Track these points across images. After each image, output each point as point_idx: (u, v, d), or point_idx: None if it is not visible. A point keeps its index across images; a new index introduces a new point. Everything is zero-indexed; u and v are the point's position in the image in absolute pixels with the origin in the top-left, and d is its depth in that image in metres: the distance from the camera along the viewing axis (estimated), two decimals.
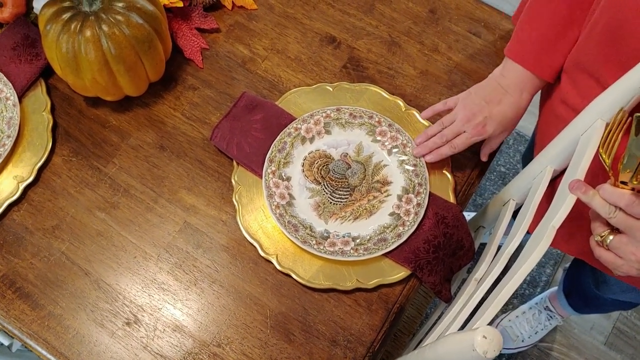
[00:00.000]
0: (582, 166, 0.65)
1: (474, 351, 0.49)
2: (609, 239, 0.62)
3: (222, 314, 0.81)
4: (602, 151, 0.64)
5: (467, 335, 0.51)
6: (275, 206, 0.84)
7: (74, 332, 0.80)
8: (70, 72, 0.82)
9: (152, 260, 0.84)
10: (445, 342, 0.55)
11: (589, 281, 1.27)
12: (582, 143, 0.69)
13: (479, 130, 0.82)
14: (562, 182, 0.70)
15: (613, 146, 0.63)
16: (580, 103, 0.73)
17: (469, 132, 0.82)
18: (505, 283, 0.66)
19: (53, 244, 0.85)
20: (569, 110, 0.77)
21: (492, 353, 0.49)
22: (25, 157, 0.88)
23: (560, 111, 0.80)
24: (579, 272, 1.37)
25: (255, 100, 0.91)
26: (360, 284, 0.81)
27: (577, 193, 0.62)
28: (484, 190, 1.85)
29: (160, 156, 0.90)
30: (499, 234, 0.86)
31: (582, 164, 0.65)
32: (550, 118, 0.85)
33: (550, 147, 0.77)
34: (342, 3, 1.02)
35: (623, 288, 1.11)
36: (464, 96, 0.84)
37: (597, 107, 0.67)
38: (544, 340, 1.65)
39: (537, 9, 0.79)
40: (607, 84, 0.66)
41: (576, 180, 0.63)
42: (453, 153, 0.84)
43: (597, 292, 1.23)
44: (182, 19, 0.97)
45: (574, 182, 0.62)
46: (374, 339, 0.81)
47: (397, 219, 0.84)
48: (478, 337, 0.49)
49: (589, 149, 0.65)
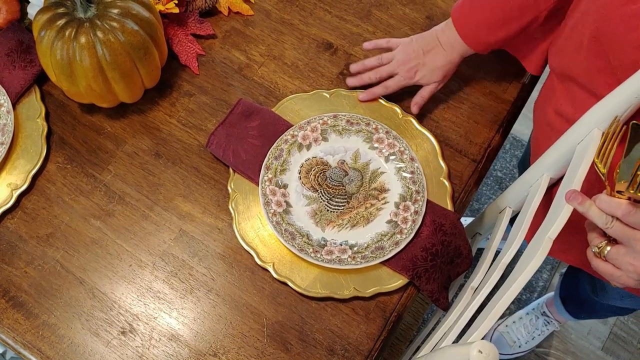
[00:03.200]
0: (578, 176, 0.65)
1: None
2: (606, 250, 0.61)
3: (219, 323, 0.80)
4: (597, 161, 0.63)
5: (462, 349, 0.50)
6: (272, 214, 0.84)
7: (69, 341, 0.79)
8: (64, 78, 0.82)
9: (148, 268, 0.83)
10: (440, 356, 0.55)
11: (586, 287, 1.27)
12: (578, 153, 0.69)
13: (410, 75, 0.89)
14: (559, 193, 0.69)
15: (609, 156, 0.63)
16: (574, 114, 0.73)
17: (402, 74, 0.89)
18: (501, 295, 0.66)
19: (47, 252, 0.84)
20: (563, 122, 0.77)
21: None
22: (19, 164, 0.87)
23: (555, 122, 0.80)
24: (576, 278, 1.37)
25: (251, 107, 0.91)
26: (358, 293, 0.80)
27: (573, 204, 0.62)
28: (480, 195, 1.84)
29: (155, 163, 0.89)
30: (496, 242, 0.86)
31: (578, 174, 0.65)
32: (544, 128, 0.85)
33: (546, 156, 0.77)
34: (338, 9, 1.02)
35: (622, 294, 1.11)
36: (405, 41, 0.90)
37: (593, 117, 0.67)
38: (541, 346, 1.65)
39: None
40: (602, 95, 0.66)
41: (572, 191, 0.62)
42: (385, 94, 0.91)
43: (595, 298, 1.23)
44: (177, 25, 0.97)
45: (570, 193, 0.62)
46: (371, 347, 0.80)
47: (394, 226, 0.84)
48: (474, 352, 0.48)
49: (585, 159, 0.65)
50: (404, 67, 0.89)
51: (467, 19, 0.85)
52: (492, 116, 0.94)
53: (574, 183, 0.65)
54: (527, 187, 0.82)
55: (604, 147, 0.63)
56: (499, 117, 0.94)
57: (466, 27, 0.85)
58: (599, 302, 1.25)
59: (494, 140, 0.93)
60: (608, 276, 0.62)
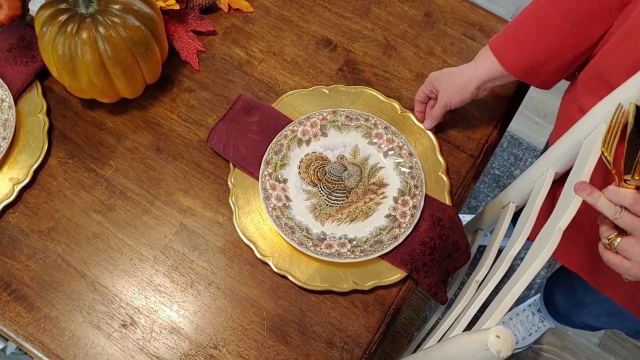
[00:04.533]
0: (586, 169, 0.64)
1: (487, 350, 0.49)
2: (616, 241, 0.60)
3: (219, 316, 0.81)
4: (604, 149, 0.63)
5: (479, 335, 0.50)
6: (272, 208, 0.84)
7: (70, 334, 0.80)
8: (66, 74, 0.82)
9: (149, 262, 0.84)
10: (454, 343, 0.55)
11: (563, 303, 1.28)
12: (586, 146, 0.68)
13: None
14: (566, 185, 0.69)
15: (613, 143, 0.62)
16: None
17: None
18: (511, 286, 0.66)
19: (49, 246, 0.84)
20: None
21: (506, 352, 0.49)
22: (20, 159, 0.88)
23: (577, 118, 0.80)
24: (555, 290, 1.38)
25: (251, 102, 0.91)
26: (357, 286, 0.81)
27: (582, 194, 0.61)
28: (478, 192, 1.85)
29: (156, 158, 0.90)
30: (500, 237, 0.86)
31: (586, 167, 0.64)
32: (566, 124, 0.85)
33: (552, 150, 0.77)
34: (338, 6, 1.02)
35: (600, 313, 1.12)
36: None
37: (600, 110, 0.66)
38: (538, 342, 1.66)
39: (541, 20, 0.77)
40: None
41: (581, 182, 0.62)
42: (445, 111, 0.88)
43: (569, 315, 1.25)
44: (178, 21, 0.97)
45: (579, 184, 0.62)
46: (370, 340, 0.81)
47: (393, 220, 0.84)
48: (491, 337, 0.49)
49: (594, 152, 0.64)
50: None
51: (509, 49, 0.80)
52: (489, 112, 0.95)
53: (583, 175, 0.64)
54: (531, 182, 0.82)
55: (609, 135, 0.63)
56: (497, 114, 0.95)
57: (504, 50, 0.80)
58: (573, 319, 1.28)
59: (491, 136, 0.94)
60: (619, 268, 0.61)
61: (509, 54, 0.79)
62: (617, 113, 0.63)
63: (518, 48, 0.78)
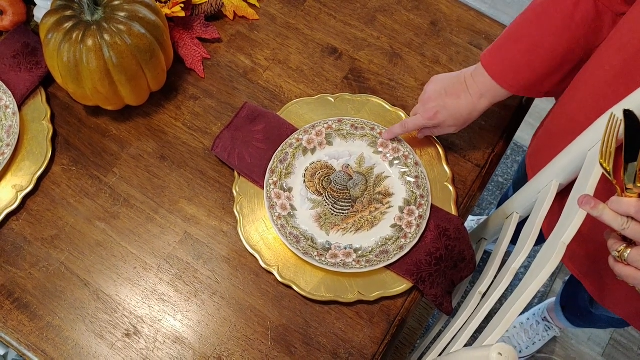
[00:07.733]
0: (590, 182, 0.64)
1: None
2: (626, 253, 0.59)
3: (223, 325, 0.81)
4: (602, 161, 0.62)
5: (481, 352, 0.50)
6: (277, 217, 0.84)
7: (73, 343, 0.79)
8: (71, 81, 0.82)
9: (153, 271, 0.83)
10: (456, 359, 0.55)
11: (585, 297, 1.27)
12: (589, 159, 0.68)
13: (429, 115, 0.83)
14: (570, 198, 0.69)
15: (611, 152, 0.61)
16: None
17: (421, 113, 0.84)
18: (515, 299, 0.65)
19: (52, 254, 0.84)
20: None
21: None
22: (24, 166, 0.88)
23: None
24: (576, 287, 1.37)
25: (256, 110, 0.91)
26: (362, 296, 0.80)
27: (586, 208, 0.60)
28: (482, 200, 1.85)
29: (160, 166, 0.90)
30: (503, 247, 0.86)
31: (590, 180, 0.64)
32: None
33: (556, 161, 0.77)
34: (343, 14, 1.02)
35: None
36: (432, 79, 0.86)
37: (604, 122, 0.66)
38: (542, 351, 1.65)
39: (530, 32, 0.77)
40: None
41: (585, 195, 0.61)
42: (403, 132, 0.87)
43: (591, 309, 1.23)
44: (183, 28, 0.97)
45: (583, 197, 0.61)
46: (375, 351, 0.80)
47: (399, 230, 0.84)
48: (494, 354, 0.48)
49: (598, 164, 0.64)
50: (423, 106, 0.84)
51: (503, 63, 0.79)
52: (496, 122, 0.95)
53: (587, 189, 0.64)
54: (535, 193, 0.82)
55: (605, 145, 0.62)
56: (503, 123, 0.95)
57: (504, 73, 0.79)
58: (594, 313, 1.25)
59: (497, 146, 0.93)
60: (631, 280, 0.60)
61: (507, 75, 0.78)
62: (610, 123, 0.62)
63: (514, 71, 0.78)
